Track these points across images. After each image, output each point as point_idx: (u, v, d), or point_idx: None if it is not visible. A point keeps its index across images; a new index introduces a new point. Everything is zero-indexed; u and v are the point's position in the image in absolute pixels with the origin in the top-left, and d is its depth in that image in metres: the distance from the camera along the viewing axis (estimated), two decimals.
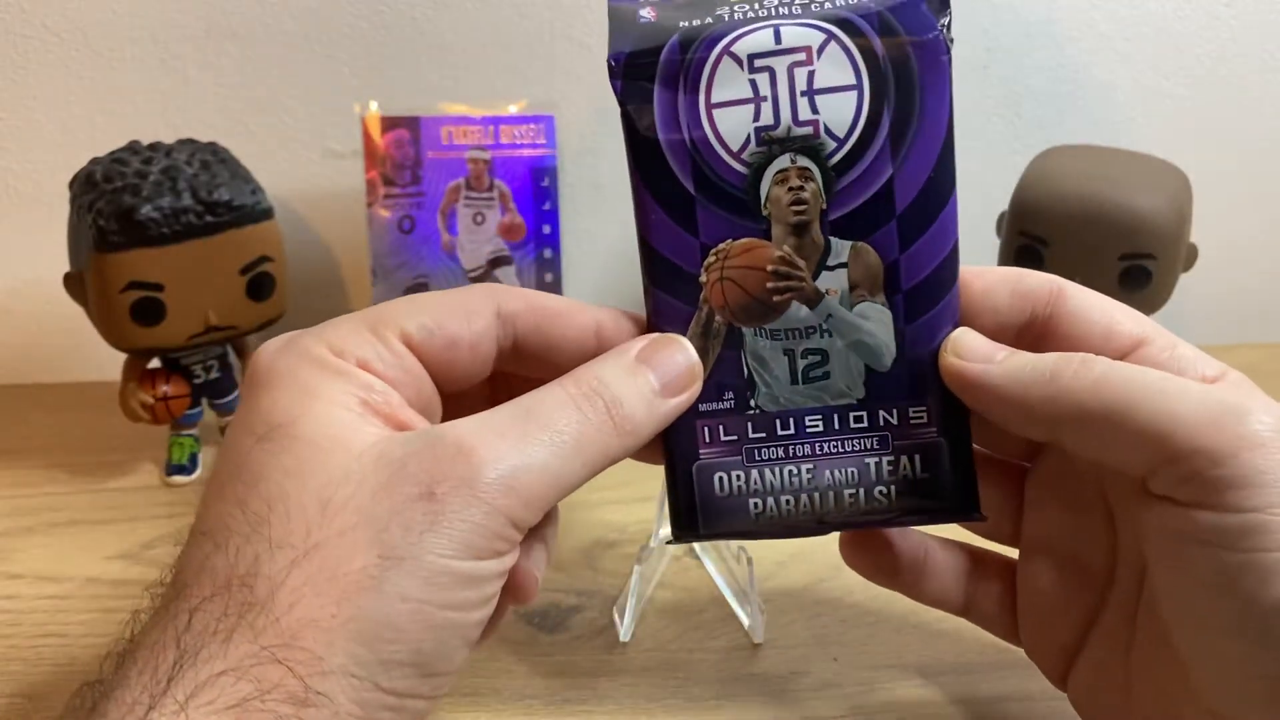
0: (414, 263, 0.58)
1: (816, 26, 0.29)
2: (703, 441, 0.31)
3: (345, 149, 0.65)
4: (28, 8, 0.61)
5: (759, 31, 0.29)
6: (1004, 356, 0.29)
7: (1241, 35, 0.67)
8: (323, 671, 0.24)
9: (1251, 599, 0.25)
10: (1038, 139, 0.63)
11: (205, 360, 0.55)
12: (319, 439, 0.26)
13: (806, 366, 0.30)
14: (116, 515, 0.51)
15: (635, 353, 0.30)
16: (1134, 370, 0.28)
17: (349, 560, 0.25)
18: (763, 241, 0.30)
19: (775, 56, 0.29)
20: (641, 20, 0.30)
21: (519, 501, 0.26)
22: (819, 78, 0.29)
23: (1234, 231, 0.71)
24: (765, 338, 0.30)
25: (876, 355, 0.30)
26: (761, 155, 0.29)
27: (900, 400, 0.30)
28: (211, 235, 0.49)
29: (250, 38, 0.63)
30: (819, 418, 0.30)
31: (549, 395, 0.28)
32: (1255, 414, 0.26)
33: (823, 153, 0.29)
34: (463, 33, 0.64)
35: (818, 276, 0.30)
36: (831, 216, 0.29)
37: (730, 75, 0.29)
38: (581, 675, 0.40)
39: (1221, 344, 0.71)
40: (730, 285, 0.30)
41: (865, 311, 0.30)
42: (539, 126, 0.58)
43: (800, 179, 0.29)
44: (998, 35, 0.66)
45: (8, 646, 0.43)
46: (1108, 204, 0.52)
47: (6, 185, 0.65)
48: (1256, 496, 0.25)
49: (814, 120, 0.29)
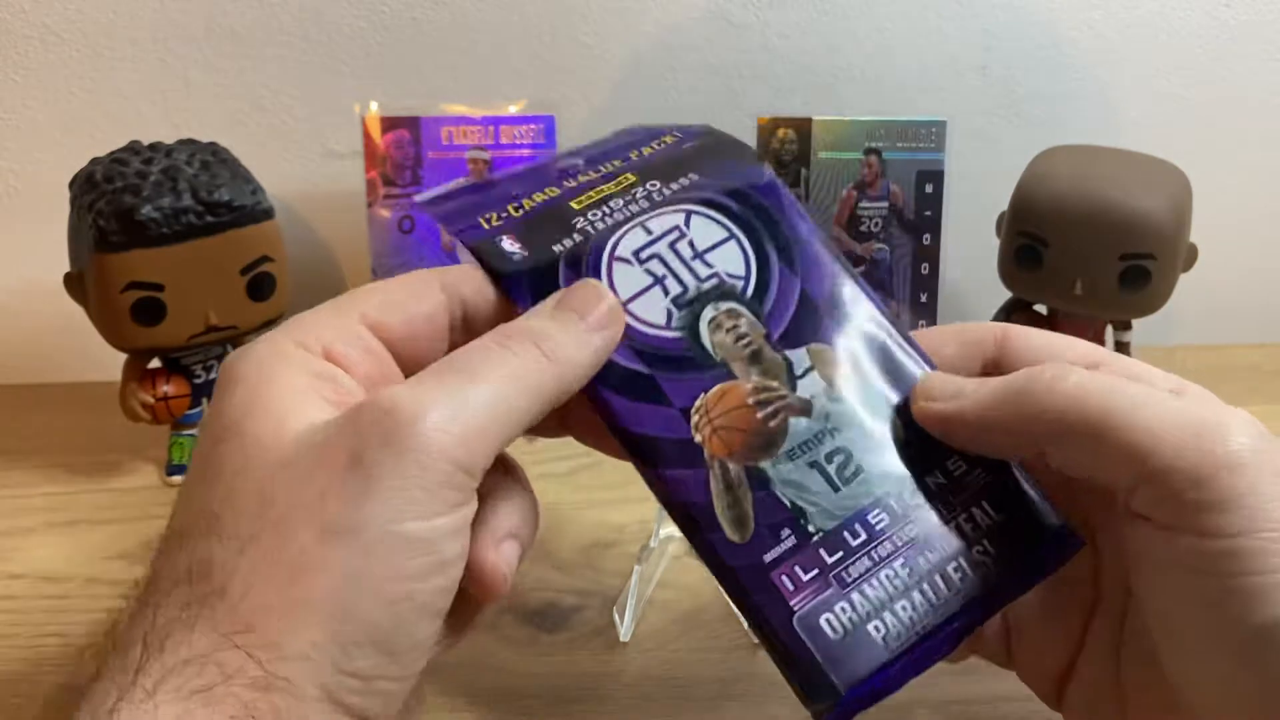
0: (414, 263, 0.58)
1: (670, 212, 0.33)
2: (788, 591, 0.28)
3: (345, 149, 0.65)
4: (28, 8, 0.61)
5: (630, 232, 0.32)
6: (973, 388, 0.29)
7: (1241, 35, 0.67)
8: (281, 656, 0.24)
9: (1235, 622, 0.24)
10: (1038, 139, 0.63)
11: (205, 360, 0.55)
12: (261, 433, 0.26)
13: (838, 469, 0.29)
14: (117, 515, 0.51)
15: (553, 303, 0.29)
16: (1109, 380, 0.27)
17: (290, 542, 0.24)
18: (732, 383, 0.30)
19: (654, 244, 0.32)
20: (513, 256, 0.32)
21: (460, 446, 0.25)
22: (699, 243, 0.32)
23: (1234, 231, 0.71)
24: (786, 462, 0.29)
25: (884, 424, 0.30)
26: (687, 317, 0.31)
27: (937, 460, 0.30)
28: (212, 235, 0.49)
29: (250, 38, 0.63)
30: (880, 512, 0.29)
31: (472, 345, 0.28)
32: (1234, 433, 0.25)
33: (736, 292, 0.31)
34: (463, 33, 0.64)
35: (795, 388, 0.30)
36: (774, 336, 0.31)
37: (627, 273, 0.31)
38: (581, 675, 0.40)
39: (1221, 344, 0.71)
40: (725, 432, 0.30)
41: (850, 393, 0.30)
42: (539, 126, 0.58)
43: (732, 319, 0.31)
44: (998, 35, 0.66)
45: (8, 646, 0.43)
46: (1108, 204, 0.52)
47: (7, 185, 0.65)
48: (1236, 521, 0.24)
49: (714, 273, 0.32)
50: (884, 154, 0.59)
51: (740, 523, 0.29)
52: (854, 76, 0.66)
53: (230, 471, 0.26)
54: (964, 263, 0.65)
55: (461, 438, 0.25)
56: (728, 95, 0.66)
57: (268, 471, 0.26)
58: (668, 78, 0.66)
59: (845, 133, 0.59)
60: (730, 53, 0.65)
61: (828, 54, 0.66)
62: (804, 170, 0.59)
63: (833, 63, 0.66)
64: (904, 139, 0.59)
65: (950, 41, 0.66)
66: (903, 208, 0.59)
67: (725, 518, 0.29)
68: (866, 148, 0.59)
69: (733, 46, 0.65)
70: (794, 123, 0.59)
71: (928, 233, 0.60)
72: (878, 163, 0.59)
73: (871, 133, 0.59)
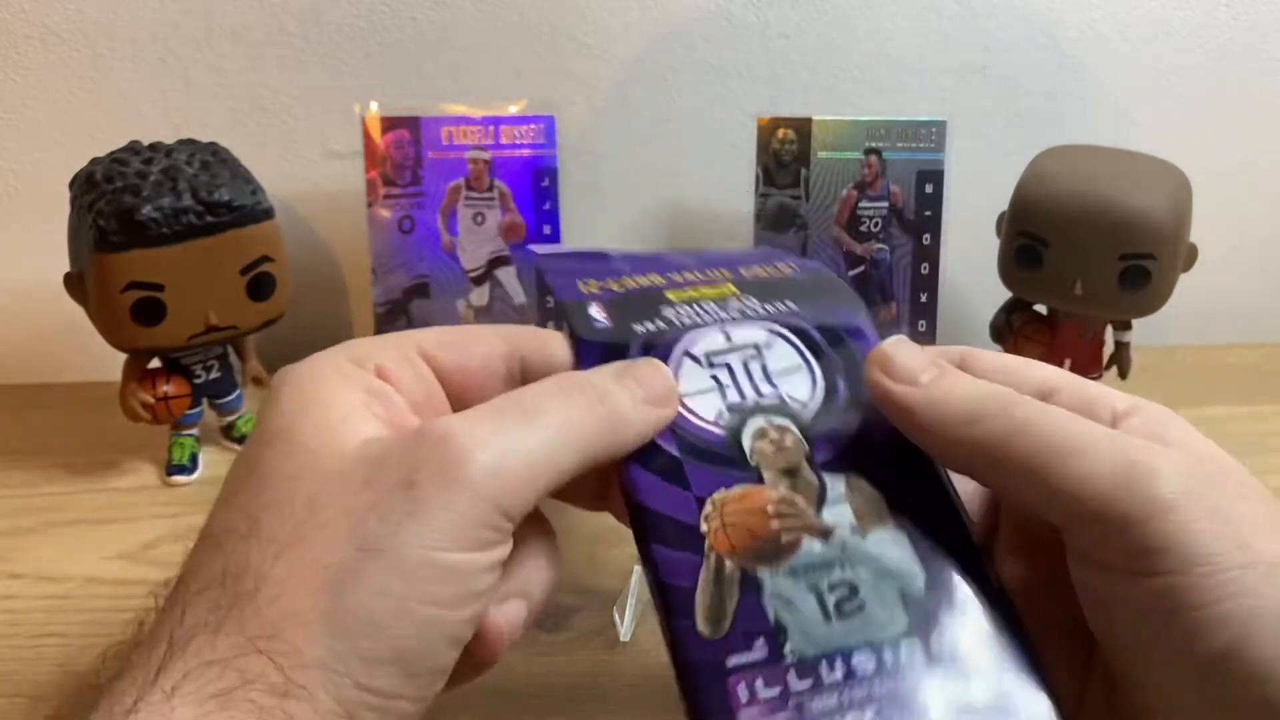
0: (414, 262, 0.58)
1: (758, 327, 0.33)
2: (738, 701, 0.26)
3: (346, 149, 0.65)
4: (28, 8, 0.61)
5: (710, 334, 0.32)
6: (929, 378, 0.29)
7: (1241, 35, 0.67)
8: (302, 664, 0.24)
9: (1180, 655, 0.25)
10: (1037, 139, 0.63)
11: (206, 360, 0.55)
12: (314, 442, 0.26)
13: (837, 601, 0.27)
14: (117, 515, 0.52)
15: (617, 366, 0.30)
16: (1052, 421, 0.27)
17: (328, 553, 0.24)
18: (758, 487, 0.29)
19: (729, 354, 0.32)
20: (596, 324, 0.32)
21: (505, 487, 0.25)
22: (771, 365, 0.32)
23: (1234, 231, 0.71)
24: (785, 578, 0.28)
25: (907, 579, 0.28)
26: (737, 419, 0.31)
27: (947, 617, 0.27)
28: (212, 235, 0.49)
29: (251, 38, 0.63)
30: (869, 655, 0.26)
31: (536, 386, 0.28)
32: (1163, 476, 0.26)
33: (792, 412, 0.31)
34: (463, 33, 0.64)
35: (820, 513, 0.29)
36: (817, 458, 0.30)
37: (693, 371, 0.31)
38: (581, 675, 0.40)
39: (1221, 344, 0.72)
40: (734, 529, 0.28)
41: (879, 540, 0.28)
42: (539, 126, 0.58)
43: (778, 432, 0.30)
44: (997, 35, 0.66)
45: (8, 646, 0.43)
46: (1108, 204, 0.52)
47: (7, 185, 0.65)
48: (1167, 560, 0.25)
49: (777, 393, 0.31)
50: (884, 154, 0.59)
51: (716, 620, 0.27)
52: (854, 76, 0.66)
53: (279, 476, 0.26)
54: (964, 263, 0.65)
55: (513, 486, 0.26)
56: (728, 95, 0.66)
57: (318, 480, 0.26)
58: (668, 78, 0.66)
59: (845, 133, 0.59)
60: (730, 53, 0.66)
61: (828, 54, 0.66)
62: (804, 170, 0.59)
63: (833, 63, 0.66)
64: (904, 139, 0.59)
65: (950, 41, 0.66)
66: (903, 208, 0.59)
67: (702, 609, 0.27)
68: (866, 148, 0.59)
69: (733, 46, 0.65)
70: (794, 123, 0.59)
71: (928, 233, 0.60)
72: (878, 163, 0.59)
73: (871, 133, 0.59)
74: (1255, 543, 0.25)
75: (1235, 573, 0.25)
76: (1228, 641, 0.24)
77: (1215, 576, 0.25)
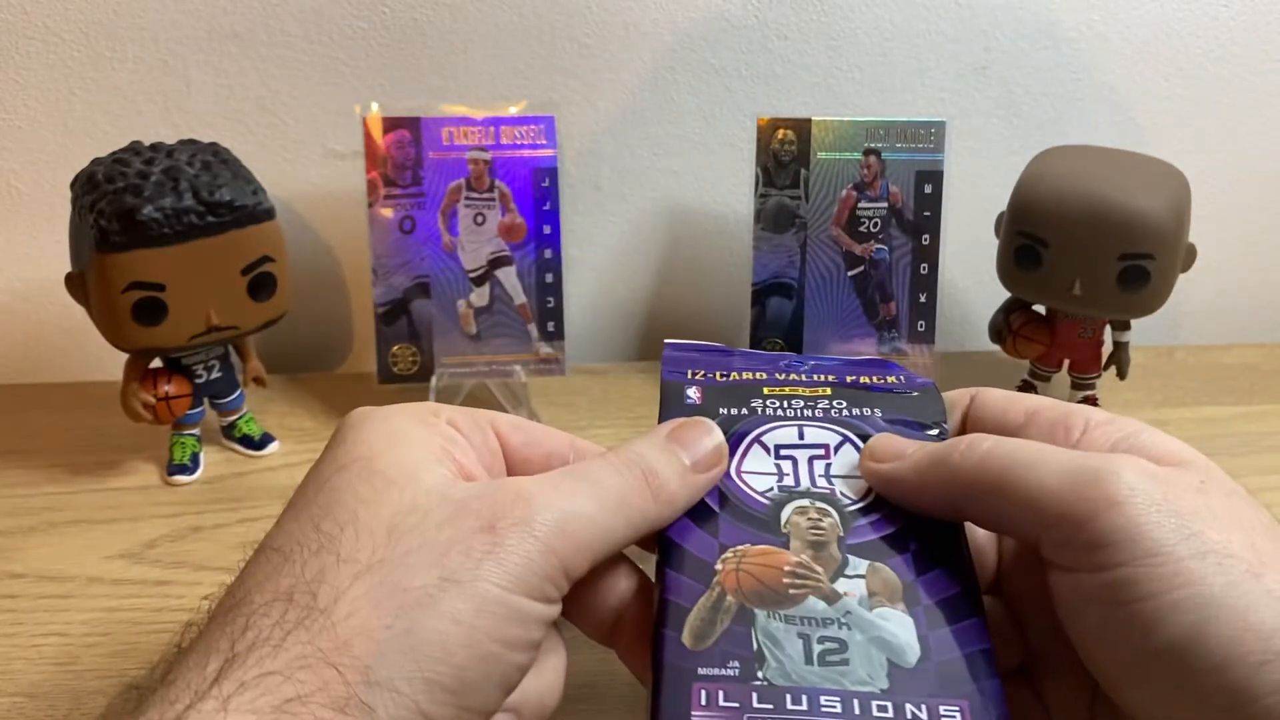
0: (415, 263, 0.58)
1: (834, 430, 0.34)
2: (697, 703, 0.27)
3: (346, 149, 0.65)
4: (29, 8, 0.61)
5: (785, 429, 0.34)
6: (911, 451, 0.32)
7: (1241, 35, 0.67)
8: (369, 681, 0.24)
9: (1142, 648, 0.26)
10: (1037, 139, 0.63)
11: (207, 360, 0.55)
12: (394, 473, 0.28)
13: (823, 651, 0.28)
14: (118, 515, 0.52)
15: (666, 433, 0.32)
16: (1013, 445, 0.30)
17: (410, 578, 0.26)
18: (781, 549, 0.31)
19: (798, 449, 0.34)
20: (688, 401, 0.35)
21: (570, 546, 0.28)
22: (835, 467, 0.34)
23: (1234, 231, 0.71)
24: (780, 621, 0.29)
25: (900, 653, 0.29)
26: (784, 496, 0.33)
27: (929, 696, 0.28)
28: (213, 235, 0.49)
29: (251, 38, 0.63)
30: (837, 700, 0.27)
31: (595, 460, 0.31)
32: (1116, 477, 0.27)
33: (839, 503, 0.33)
34: (463, 33, 0.64)
35: (834, 582, 0.30)
36: (849, 542, 0.31)
37: (758, 456, 0.34)
38: (581, 675, 0.41)
39: (1221, 344, 0.72)
40: (746, 575, 0.30)
41: (885, 615, 0.29)
42: (539, 127, 0.58)
43: (819, 514, 0.32)
44: (997, 35, 0.66)
45: (10, 645, 0.43)
46: (1107, 204, 0.52)
47: (8, 185, 0.65)
48: (1120, 552, 0.27)
49: (830, 488, 0.33)
50: (883, 154, 0.59)
51: (701, 637, 0.29)
52: (854, 76, 0.67)
53: (355, 499, 0.28)
54: (963, 263, 0.65)
55: (576, 546, 0.28)
56: (728, 95, 0.66)
57: (398, 510, 0.27)
58: (668, 78, 0.66)
59: (845, 133, 0.59)
60: (730, 53, 0.66)
61: (828, 54, 0.66)
62: (803, 170, 0.59)
63: (833, 63, 0.66)
64: (904, 139, 0.59)
65: (950, 41, 0.66)
66: (902, 208, 0.60)
67: (691, 625, 0.29)
68: (866, 148, 0.59)
69: (733, 46, 0.65)
70: (794, 123, 0.59)
71: (927, 233, 0.60)
72: (877, 163, 0.59)
73: (871, 133, 0.59)
74: (1207, 534, 0.27)
75: (1186, 563, 0.26)
76: (1185, 630, 0.26)
77: (1166, 567, 0.26)
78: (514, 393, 0.60)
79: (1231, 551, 0.26)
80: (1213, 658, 0.25)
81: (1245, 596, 0.25)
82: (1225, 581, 0.26)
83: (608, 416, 0.61)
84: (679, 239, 0.70)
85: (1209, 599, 0.26)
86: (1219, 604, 0.25)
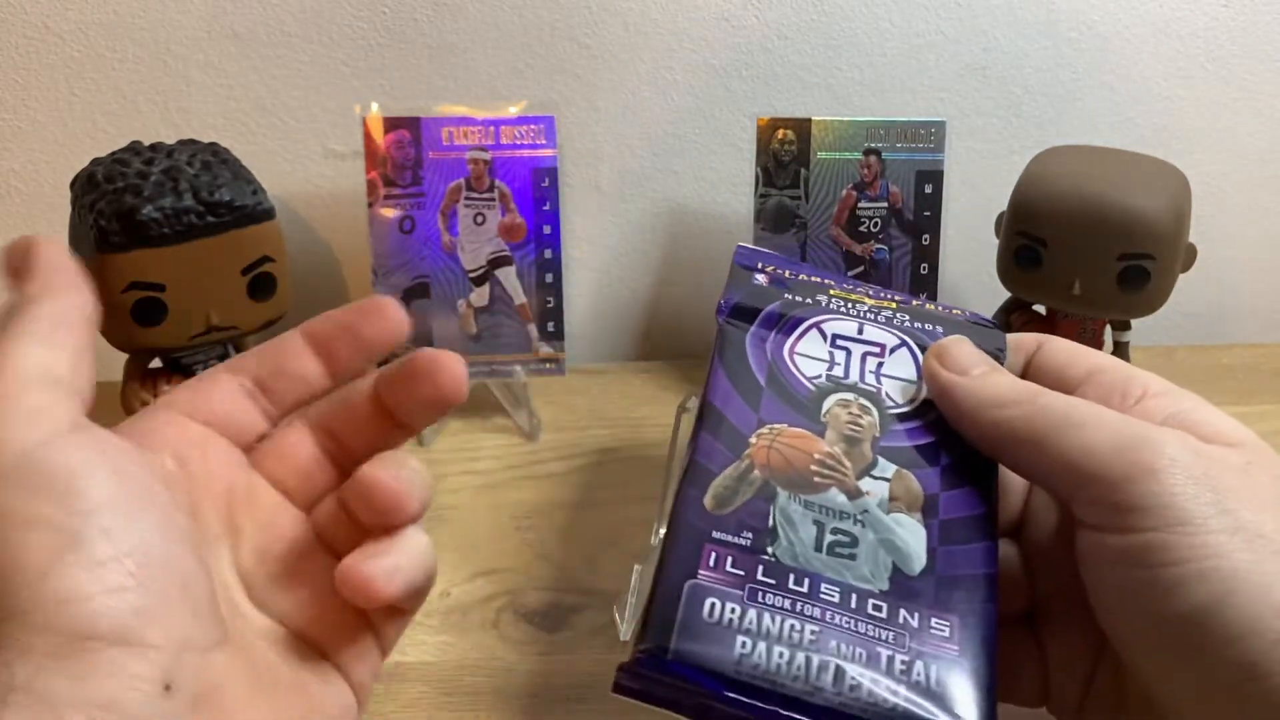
0: (415, 263, 0.58)
1: (894, 333, 0.35)
2: (706, 564, 0.28)
3: (346, 149, 0.65)
4: (29, 8, 0.61)
5: (846, 321, 0.35)
6: (979, 372, 0.32)
7: (1241, 35, 0.67)
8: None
9: (1161, 612, 0.27)
10: (1037, 139, 0.63)
11: (207, 360, 0.55)
12: None
13: (834, 542, 0.30)
14: None
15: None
16: (1069, 403, 0.30)
17: None
18: (816, 436, 0.32)
19: (854, 343, 0.35)
20: (755, 281, 0.37)
21: None
22: (886, 367, 0.34)
23: (1234, 231, 0.71)
24: (799, 504, 0.30)
25: (906, 560, 0.30)
26: (829, 386, 0.34)
27: (925, 607, 0.29)
28: (213, 235, 0.49)
29: (251, 38, 0.63)
30: (836, 590, 0.29)
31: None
32: (1159, 447, 0.28)
33: (882, 404, 0.33)
34: (463, 33, 0.64)
35: (859, 479, 0.31)
36: (883, 444, 0.32)
37: (814, 340, 0.35)
38: (581, 675, 0.41)
39: (1220, 344, 0.72)
40: (777, 454, 0.31)
41: (901, 520, 0.31)
42: (539, 127, 0.58)
43: (860, 410, 0.33)
44: (997, 35, 0.66)
45: None
46: (1107, 204, 0.52)
47: (8, 185, 0.65)
48: (1151, 517, 0.27)
49: (878, 387, 0.34)
50: (883, 154, 0.59)
51: (724, 502, 0.30)
52: (854, 76, 0.67)
53: None
54: (963, 263, 0.65)
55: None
56: (728, 95, 0.66)
57: None
58: (667, 78, 0.66)
59: (845, 133, 0.59)
60: (730, 53, 0.66)
61: (828, 54, 0.66)
62: (803, 170, 0.59)
63: (833, 63, 0.66)
64: (903, 139, 0.59)
65: (950, 41, 0.66)
66: (902, 208, 0.60)
67: (715, 490, 0.30)
68: (866, 148, 0.59)
69: (733, 46, 0.65)
70: (794, 123, 0.59)
71: (927, 233, 0.60)
72: (877, 163, 0.59)
73: (871, 133, 0.59)
74: (1241, 512, 0.27)
75: (1217, 536, 0.26)
76: (1206, 599, 0.26)
77: (1196, 537, 0.26)
78: (514, 393, 0.60)
79: (1264, 532, 0.26)
80: (1229, 630, 0.26)
81: (1270, 575, 0.26)
82: (1253, 559, 0.26)
83: (608, 416, 0.61)
84: (679, 239, 0.70)
85: (1233, 572, 0.26)
86: (1242, 578, 0.26)
